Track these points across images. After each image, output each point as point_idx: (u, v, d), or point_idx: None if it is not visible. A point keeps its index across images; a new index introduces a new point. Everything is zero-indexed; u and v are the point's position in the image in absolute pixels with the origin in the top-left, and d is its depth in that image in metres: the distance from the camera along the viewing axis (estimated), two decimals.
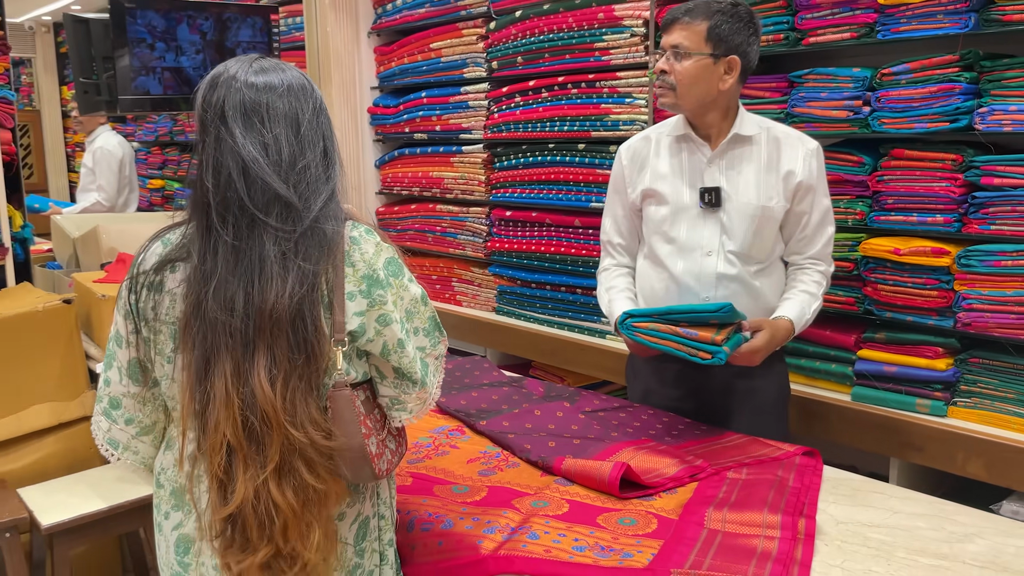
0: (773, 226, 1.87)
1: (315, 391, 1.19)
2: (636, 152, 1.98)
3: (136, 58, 3.03)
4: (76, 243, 3.15)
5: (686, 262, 1.89)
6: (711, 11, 1.80)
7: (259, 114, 1.19)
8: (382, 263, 1.23)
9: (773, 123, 1.93)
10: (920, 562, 1.30)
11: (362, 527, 1.30)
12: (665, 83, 1.85)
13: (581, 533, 1.39)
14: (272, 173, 1.18)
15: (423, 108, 3.59)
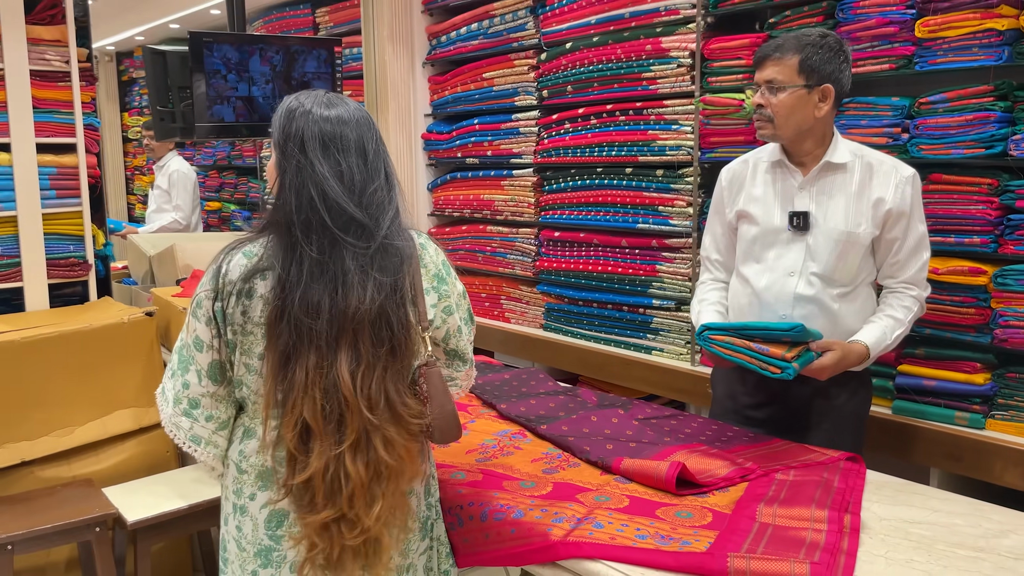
0: (858, 251, 1.94)
1: (405, 377, 1.39)
2: (735, 175, 2.11)
3: (212, 88, 3.25)
4: (152, 261, 3.37)
5: (769, 280, 2.00)
6: (801, 44, 1.90)
7: (334, 144, 1.38)
8: (442, 263, 1.52)
9: (869, 150, 2.00)
10: (958, 553, 1.41)
11: (428, 484, 1.56)
12: (763, 116, 1.94)
13: (642, 524, 1.52)
14: (346, 198, 1.37)
15: (475, 134, 3.77)
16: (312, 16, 4.71)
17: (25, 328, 2.66)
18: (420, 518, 1.52)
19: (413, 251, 1.44)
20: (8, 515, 2.33)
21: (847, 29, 2.41)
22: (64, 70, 3.03)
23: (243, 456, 1.47)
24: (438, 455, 1.85)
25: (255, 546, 1.45)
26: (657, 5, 2.94)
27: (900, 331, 1.94)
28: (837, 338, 1.92)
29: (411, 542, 1.50)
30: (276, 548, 1.43)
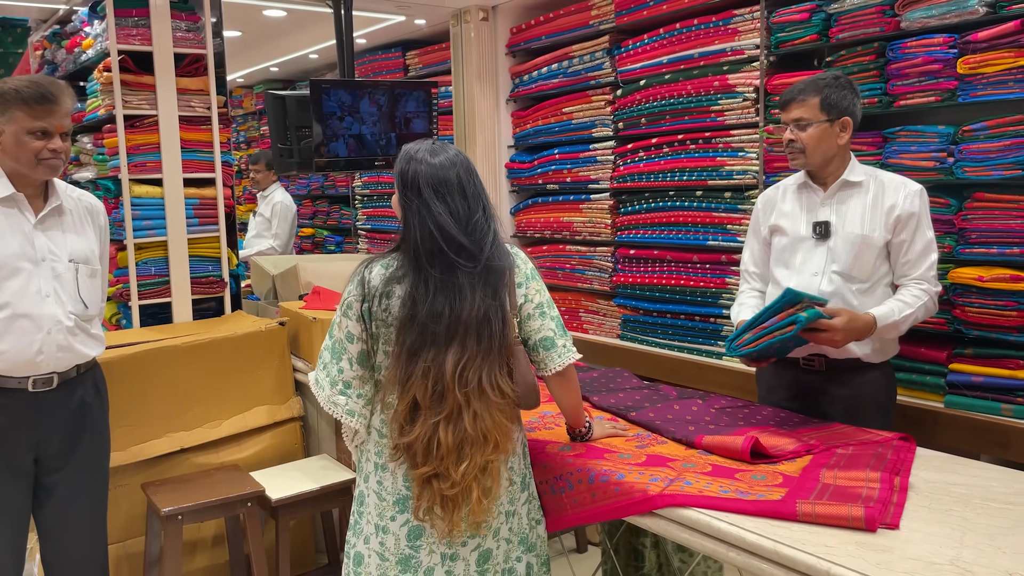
0: (873, 252, 2.26)
1: (501, 365, 1.81)
2: (768, 198, 2.49)
3: (328, 128, 3.72)
4: (275, 279, 3.82)
5: (797, 281, 2.35)
6: (819, 87, 2.25)
7: (443, 187, 1.80)
8: (530, 269, 1.91)
9: (881, 171, 2.34)
10: (991, 506, 1.70)
11: (524, 447, 1.95)
12: (794, 149, 2.29)
13: (724, 483, 1.84)
14: (457, 230, 1.78)
15: (555, 163, 4.16)
16: (403, 59, 5.18)
17: (180, 336, 3.13)
18: (520, 475, 1.91)
19: (510, 264, 1.84)
20: (175, 492, 2.77)
21: (897, 66, 2.73)
22: (206, 115, 3.52)
23: (384, 423, 1.87)
24: (547, 435, 2.20)
25: (393, 495, 1.85)
26: (724, 46, 3.30)
27: (908, 312, 2.20)
28: None
29: (513, 493, 1.89)
30: (410, 496, 1.83)
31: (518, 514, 1.90)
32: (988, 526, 1.60)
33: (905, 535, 1.58)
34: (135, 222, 3.37)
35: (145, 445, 2.94)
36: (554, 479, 2.02)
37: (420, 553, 1.83)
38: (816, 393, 2.36)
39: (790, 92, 2.29)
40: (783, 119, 2.31)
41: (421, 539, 1.83)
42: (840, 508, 1.63)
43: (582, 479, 1.96)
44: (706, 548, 1.70)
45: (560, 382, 1.94)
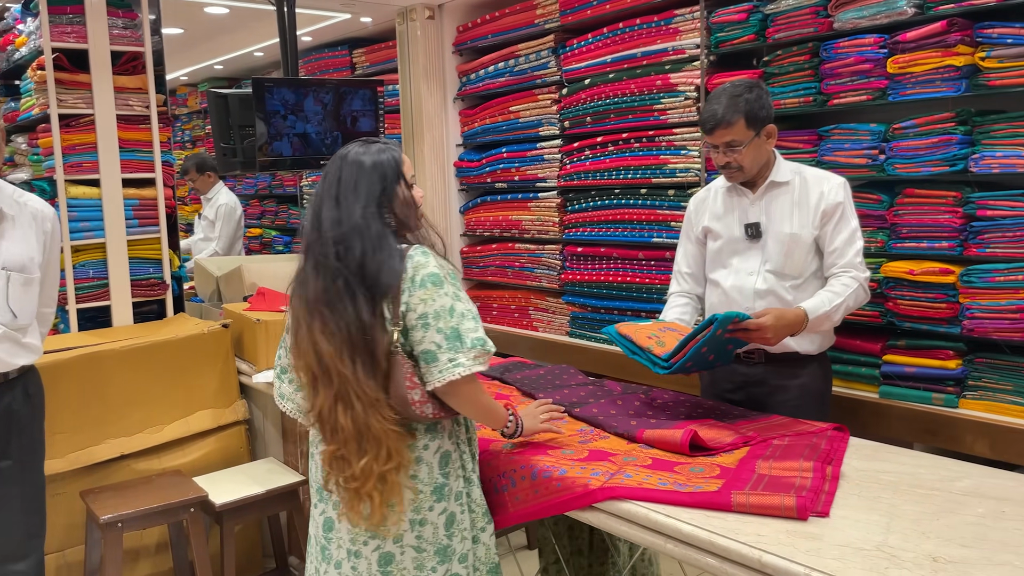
0: (803, 249, 2.32)
1: (373, 358, 1.75)
2: (700, 200, 2.53)
3: (272, 127, 3.67)
4: (219, 280, 3.77)
5: (734, 280, 2.41)
6: (738, 105, 2.25)
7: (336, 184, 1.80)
8: (423, 275, 1.74)
9: (806, 168, 2.39)
10: (917, 492, 1.76)
11: (444, 457, 1.84)
12: (731, 168, 2.32)
13: (663, 475, 1.87)
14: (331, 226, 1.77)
15: (503, 161, 4.17)
16: (349, 57, 5.14)
17: (119, 340, 3.06)
18: (431, 484, 1.82)
19: (392, 268, 1.74)
20: (115, 499, 2.71)
21: (830, 66, 2.80)
22: (145, 114, 3.45)
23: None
24: (491, 433, 2.21)
25: (315, 485, 1.89)
26: (666, 46, 3.34)
27: (838, 302, 2.23)
28: None
29: (420, 502, 1.83)
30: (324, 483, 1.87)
31: (431, 523, 1.84)
32: (914, 512, 1.65)
33: (835, 522, 1.62)
34: (72, 224, 3.29)
35: (83, 452, 2.88)
36: (497, 477, 2.03)
37: (331, 546, 1.87)
38: (756, 385, 2.41)
39: (713, 118, 2.27)
40: (710, 142, 2.31)
41: (332, 532, 1.86)
42: (773, 498, 1.67)
43: (525, 476, 1.97)
44: (645, 540, 1.72)
45: (448, 398, 1.79)
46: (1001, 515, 1.62)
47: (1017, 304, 2.43)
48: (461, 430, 1.93)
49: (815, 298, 2.27)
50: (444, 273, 1.78)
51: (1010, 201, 2.45)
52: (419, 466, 1.84)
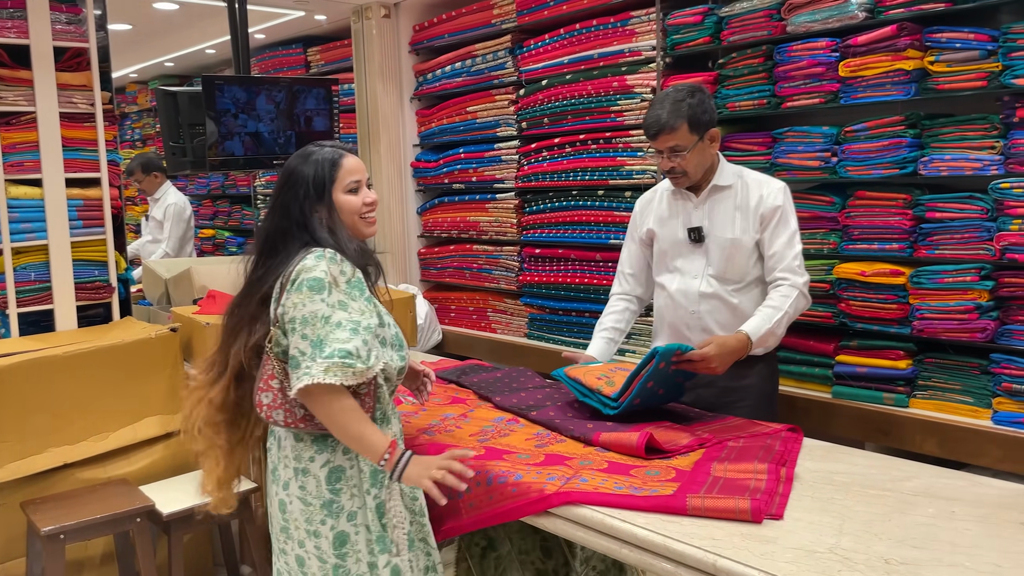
0: (745, 253, 2.33)
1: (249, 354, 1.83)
2: (646, 202, 2.54)
3: (223, 125, 3.59)
4: (168, 283, 3.67)
5: (679, 284, 2.43)
6: (681, 110, 2.25)
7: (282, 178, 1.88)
8: (304, 278, 1.72)
9: (748, 171, 2.39)
10: (869, 493, 1.77)
11: (334, 472, 1.80)
12: (675, 173, 2.33)
13: (619, 479, 1.86)
14: (260, 224, 1.89)
15: (461, 162, 4.14)
16: (304, 55, 5.06)
17: (61, 345, 2.96)
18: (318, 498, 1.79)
19: (286, 270, 1.77)
20: (57, 510, 2.62)
21: (784, 69, 2.82)
22: (90, 112, 3.35)
23: None
24: (447, 438, 2.18)
25: None
26: (622, 47, 3.34)
27: (778, 317, 2.24)
28: (737, 326, 2.30)
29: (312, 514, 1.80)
30: None
31: (324, 537, 1.80)
32: (866, 513, 1.66)
33: (788, 525, 1.62)
34: (12, 225, 3.17)
35: (24, 461, 2.77)
36: None
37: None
38: (705, 387, 2.41)
39: (656, 123, 2.27)
40: (654, 147, 2.33)
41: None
42: (728, 501, 1.67)
43: (480, 481, 1.94)
44: (600, 546, 1.71)
45: (310, 406, 1.74)
46: (951, 515, 1.64)
47: (965, 305, 2.47)
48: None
49: (756, 317, 2.27)
50: (333, 279, 1.74)
51: (958, 203, 2.49)
52: (306, 478, 1.81)
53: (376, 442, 1.73)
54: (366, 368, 1.70)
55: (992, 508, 1.67)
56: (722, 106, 3.01)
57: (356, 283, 1.78)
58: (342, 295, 1.73)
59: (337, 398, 1.70)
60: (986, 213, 2.43)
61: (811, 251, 2.81)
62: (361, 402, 1.77)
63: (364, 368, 1.69)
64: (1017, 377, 2.40)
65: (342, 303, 1.72)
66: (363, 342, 1.70)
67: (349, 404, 1.72)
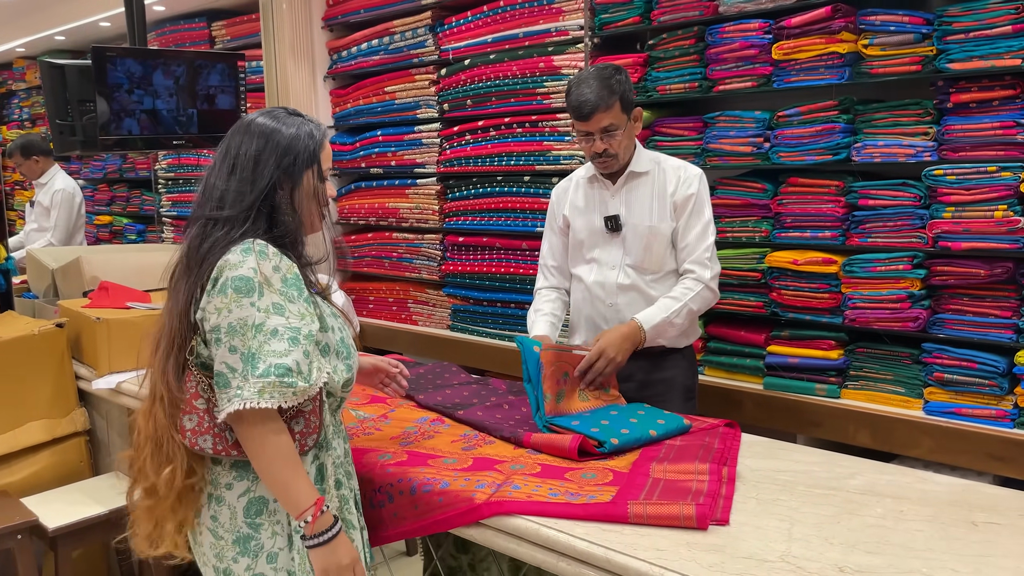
0: (662, 242, 2.25)
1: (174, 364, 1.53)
2: (562, 190, 2.42)
3: (115, 102, 3.28)
4: (55, 274, 3.35)
5: (597, 275, 2.32)
6: (611, 86, 2.13)
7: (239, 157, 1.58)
8: (228, 277, 1.46)
9: (665, 157, 2.31)
10: (815, 492, 1.69)
11: (254, 504, 1.54)
12: (607, 156, 2.19)
13: (554, 485, 1.73)
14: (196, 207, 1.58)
15: (379, 145, 3.93)
16: (208, 30, 4.74)
17: None
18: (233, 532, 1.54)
19: (198, 262, 1.51)
20: None
21: (715, 51, 2.73)
22: None
23: None
24: (366, 442, 2.00)
25: None
26: (548, 26, 3.20)
27: (676, 307, 2.18)
28: None
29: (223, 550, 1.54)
30: None
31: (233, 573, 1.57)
32: (815, 515, 1.58)
33: (735, 530, 1.52)
34: None
35: None
36: (373, 492, 1.83)
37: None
38: (625, 380, 2.29)
39: (590, 101, 2.13)
40: (583, 129, 2.18)
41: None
42: (671, 507, 1.55)
43: (403, 490, 1.78)
44: (536, 559, 1.57)
45: (238, 433, 1.48)
46: (900, 515, 1.57)
47: (897, 294, 2.44)
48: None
49: (653, 307, 2.21)
50: (265, 278, 1.47)
51: (890, 191, 2.45)
52: (219, 507, 1.55)
53: (301, 496, 1.48)
54: (308, 386, 1.46)
55: (940, 506, 1.61)
56: (652, 89, 2.91)
57: (293, 281, 1.51)
58: (277, 296, 1.47)
59: (272, 432, 1.46)
60: (919, 201, 2.40)
61: (743, 239, 2.74)
62: (305, 421, 1.53)
63: (305, 386, 1.45)
64: (948, 367, 2.38)
65: (278, 306, 1.46)
66: (304, 354, 1.46)
67: (284, 442, 1.47)
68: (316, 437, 1.56)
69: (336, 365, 1.61)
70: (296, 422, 1.53)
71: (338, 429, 1.70)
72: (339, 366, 1.62)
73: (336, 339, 1.64)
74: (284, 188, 1.56)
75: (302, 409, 1.53)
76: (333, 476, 1.62)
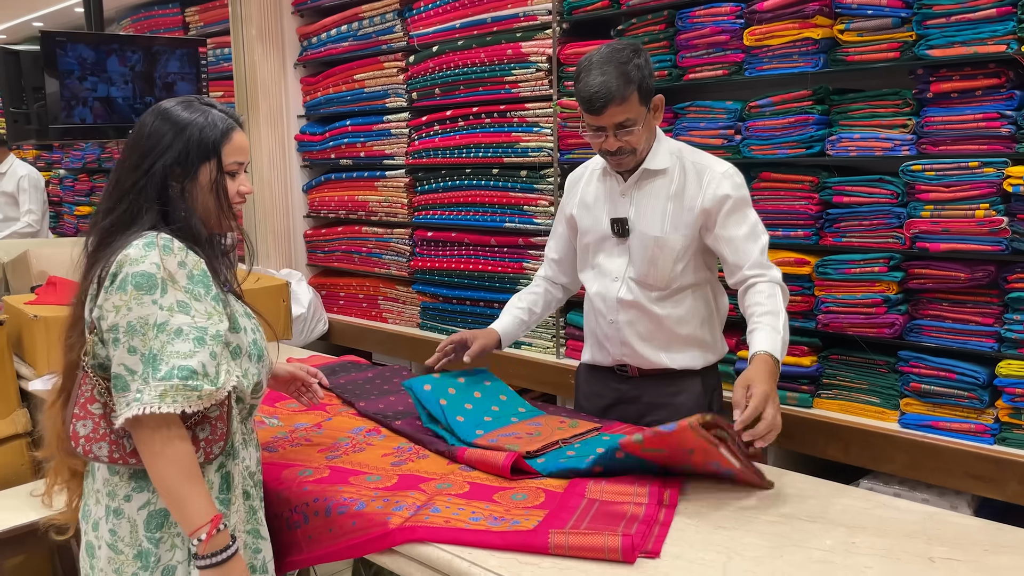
0: (670, 256, 1.91)
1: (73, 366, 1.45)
2: (574, 181, 2.12)
3: (67, 89, 3.16)
4: (5, 268, 3.23)
5: (599, 286, 2.03)
6: (630, 74, 1.79)
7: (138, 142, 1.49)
8: (127, 273, 1.35)
9: (690, 151, 1.97)
10: (760, 519, 1.54)
11: (155, 517, 1.43)
12: (623, 153, 1.87)
13: (478, 507, 1.59)
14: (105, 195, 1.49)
15: (348, 135, 3.78)
16: (182, 15, 4.60)
17: None
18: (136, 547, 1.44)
19: (113, 255, 1.39)
20: None
21: (685, 36, 2.57)
22: None
23: None
24: (292, 454, 1.87)
25: None
26: (516, 11, 3.04)
27: (784, 318, 1.79)
28: (663, 340, 1.97)
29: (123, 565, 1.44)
30: None
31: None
32: (755, 546, 1.43)
33: (665, 565, 1.38)
34: None
35: None
36: (289, 512, 1.70)
37: None
38: (630, 402, 2.08)
39: (604, 93, 1.78)
40: (595, 124, 1.84)
41: None
42: (595, 538, 1.41)
43: (319, 511, 1.65)
44: None
45: (136, 440, 1.37)
46: (851, 549, 1.42)
47: (872, 298, 2.28)
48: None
49: (760, 331, 1.75)
50: (168, 274, 1.37)
51: (867, 187, 2.28)
52: (119, 520, 1.44)
53: (197, 512, 1.37)
54: (214, 390, 1.35)
55: (897, 538, 1.46)
56: None
57: (200, 277, 1.41)
58: (182, 294, 1.38)
59: (172, 439, 1.35)
60: (896, 198, 2.23)
61: None
62: (211, 428, 1.42)
63: (212, 390, 1.35)
64: (926, 376, 2.22)
65: (182, 304, 1.37)
66: (211, 355, 1.36)
67: (184, 451, 1.36)
68: (223, 445, 1.45)
69: (247, 368, 1.51)
70: (201, 428, 1.43)
71: (249, 437, 1.58)
72: (250, 369, 1.52)
73: (248, 341, 1.53)
74: (177, 180, 1.46)
75: (208, 415, 1.42)
76: (241, 486, 1.52)
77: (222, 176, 1.50)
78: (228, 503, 1.48)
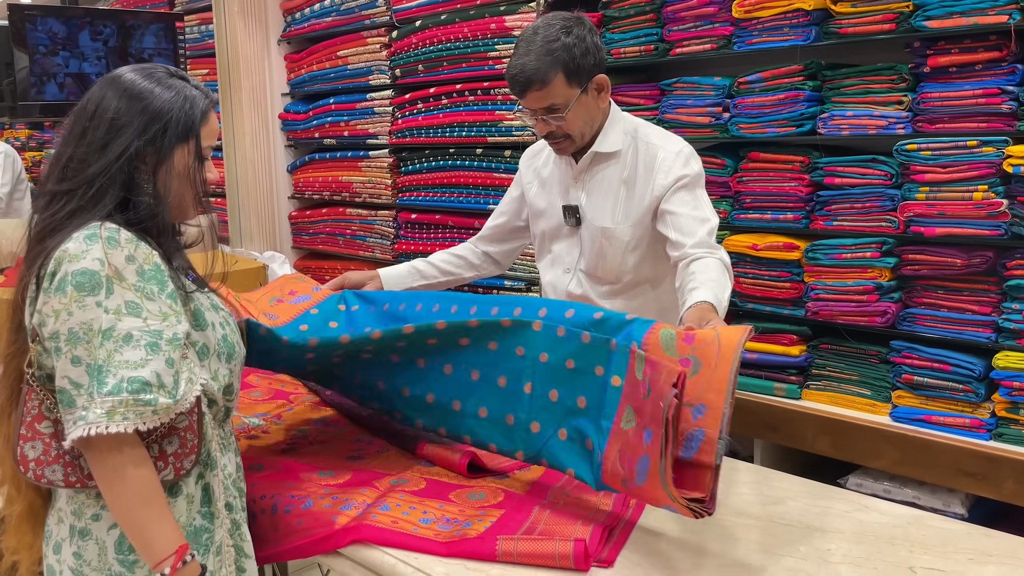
0: (619, 248, 1.80)
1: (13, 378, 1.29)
2: (532, 155, 1.99)
3: (37, 64, 3.06)
4: None
5: (552, 277, 1.92)
6: (555, 53, 1.65)
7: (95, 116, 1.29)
8: (67, 272, 1.19)
9: (645, 128, 1.83)
10: (731, 521, 1.44)
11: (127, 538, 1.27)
12: (556, 138, 1.75)
13: (431, 507, 1.49)
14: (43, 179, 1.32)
15: (331, 114, 3.67)
16: None
17: None
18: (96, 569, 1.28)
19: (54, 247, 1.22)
20: None
21: (672, 9, 2.45)
22: None
23: None
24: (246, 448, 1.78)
25: None
26: None
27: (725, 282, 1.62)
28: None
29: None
30: None
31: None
32: (719, 555, 1.33)
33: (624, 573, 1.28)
34: None
35: None
36: None
37: None
38: None
39: (522, 74, 1.66)
40: (524, 105, 1.72)
41: None
42: (546, 544, 1.31)
43: (265, 508, 1.56)
44: None
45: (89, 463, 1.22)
46: (825, 557, 1.32)
47: (863, 284, 2.16)
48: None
49: (705, 291, 1.55)
50: (115, 271, 1.19)
51: (860, 168, 2.16)
52: (85, 542, 1.27)
53: (160, 542, 1.21)
54: (172, 403, 1.20)
55: (877, 545, 1.36)
56: (607, 53, 2.62)
57: (153, 273, 1.24)
58: (131, 293, 1.21)
59: (127, 463, 1.19)
60: (890, 179, 2.11)
61: None
62: (180, 441, 1.26)
63: (169, 403, 1.19)
64: (919, 368, 2.10)
65: (132, 305, 1.20)
66: (167, 362, 1.20)
67: (142, 476, 1.21)
68: (194, 458, 1.28)
69: (216, 369, 1.34)
70: (169, 442, 1.26)
71: (227, 441, 1.42)
72: (220, 370, 1.35)
73: (217, 337, 1.35)
74: (147, 163, 1.29)
75: (175, 426, 1.26)
76: (223, 498, 1.36)
77: (200, 161, 1.34)
78: (211, 517, 1.34)
